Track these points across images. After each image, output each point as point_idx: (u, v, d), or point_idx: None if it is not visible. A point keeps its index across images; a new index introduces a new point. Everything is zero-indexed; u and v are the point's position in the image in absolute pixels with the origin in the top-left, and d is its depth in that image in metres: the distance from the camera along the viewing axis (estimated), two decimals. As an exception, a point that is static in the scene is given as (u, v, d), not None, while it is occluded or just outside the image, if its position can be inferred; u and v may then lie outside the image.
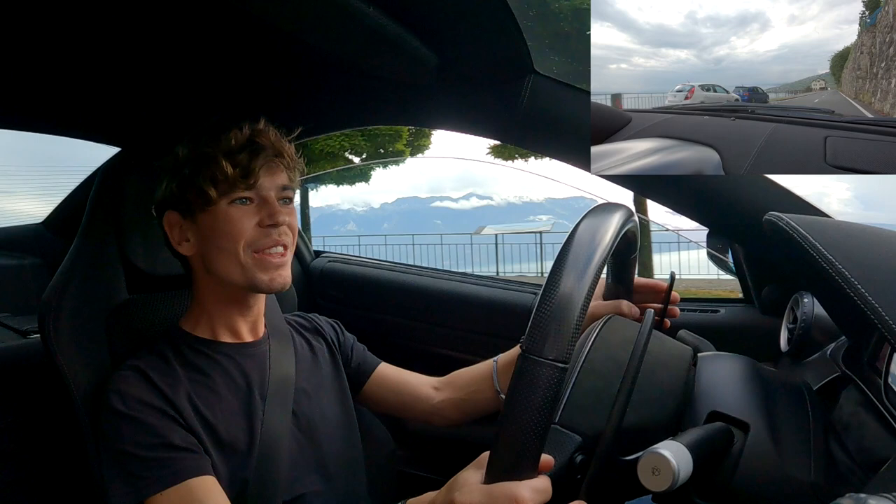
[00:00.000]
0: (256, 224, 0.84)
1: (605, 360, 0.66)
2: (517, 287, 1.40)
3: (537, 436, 0.47)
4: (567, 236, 0.53)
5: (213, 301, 0.90)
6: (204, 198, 0.83)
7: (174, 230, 0.88)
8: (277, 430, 0.87)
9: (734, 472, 0.56)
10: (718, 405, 0.61)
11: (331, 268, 1.61)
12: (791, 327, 0.91)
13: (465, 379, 1.04)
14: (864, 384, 0.63)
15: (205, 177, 0.83)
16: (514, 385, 0.48)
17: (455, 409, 1.02)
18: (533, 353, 0.48)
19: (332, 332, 1.07)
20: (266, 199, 0.85)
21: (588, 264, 0.50)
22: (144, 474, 0.75)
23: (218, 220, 0.84)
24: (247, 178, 0.83)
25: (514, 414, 0.47)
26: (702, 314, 1.19)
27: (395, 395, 1.06)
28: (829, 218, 0.86)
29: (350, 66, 0.93)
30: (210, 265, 0.87)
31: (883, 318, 0.46)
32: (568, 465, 0.58)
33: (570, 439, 0.59)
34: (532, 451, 0.48)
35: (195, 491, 0.75)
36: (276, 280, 0.86)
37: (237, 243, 0.83)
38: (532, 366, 0.47)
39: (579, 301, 0.48)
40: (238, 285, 0.86)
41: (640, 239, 0.76)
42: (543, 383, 0.47)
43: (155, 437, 0.77)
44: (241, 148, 0.84)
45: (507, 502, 0.49)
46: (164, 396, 0.80)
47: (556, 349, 0.47)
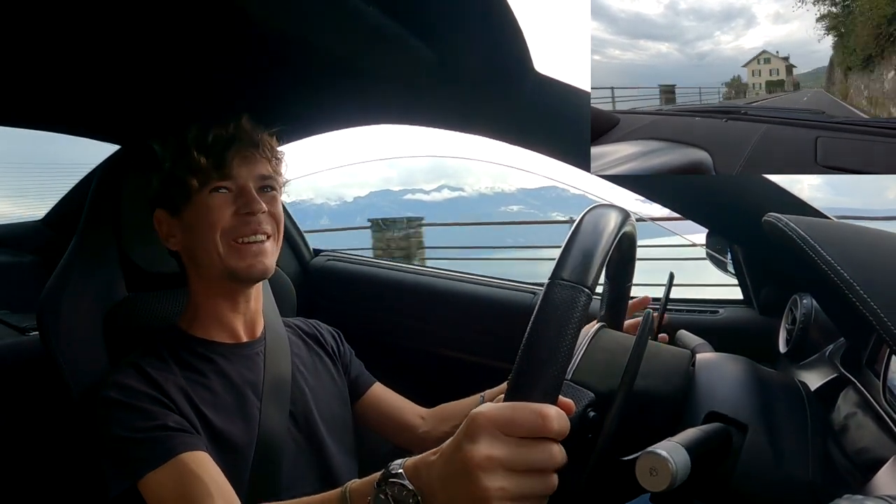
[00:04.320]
0: (234, 212, 0.86)
1: (609, 341, 0.69)
2: (517, 287, 1.40)
3: (562, 358, 0.47)
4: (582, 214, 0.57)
5: (204, 296, 0.91)
6: (184, 190, 0.86)
7: (163, 227, 0.90)
8: (275, 430, 0.87)
9: (732, 473, 0.56)
10: (717, 406, 0.61)
11: (330, 266, 1.61)
12: (790, 328, 0.91)
13: (451, 412, 1.04)
14: (863, 385, 0.63)
15: (182, 169, 0.86)
16: (541, 307, 0.48)
17: (438, 441, 1.01)
18: (559, 278, 0.49)
19: (332, 341, 1.07)
20: (243, 188, 0.87)
21: (609, 219, 0.55)
22: (138, 455, 0.75)
23: (198, 210, 0.86)
24: (220, 167, 0.86)
25: (541, 333, 0.47)
26: (701, 315, 1.19)
27: (384, 419, 1.06)
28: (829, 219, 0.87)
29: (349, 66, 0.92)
30: (194, 257, 0.89)
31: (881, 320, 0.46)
32: (581, 419, 0.58)
33: (584, 395, 0.60)
34: (556, 374, 0.47)
35: (189, 465, 0.75)
36: (254, 267, 0.86)
37: (214, 231, 0.85)
38: (559, 289, 0.48)
39: (603, 238, 0.52)
40: (218, 274, 0.87)
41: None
42: (570, 304, 0.48)
43: (149, 421, 0.77)
44: (215, 140, 0.87)
45: (533, 415, 0.45)
46: (160, 387, 0.80)
47: (582, 275, 0.49)
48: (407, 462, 0.52)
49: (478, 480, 0.44)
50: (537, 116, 0.94)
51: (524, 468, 0.45)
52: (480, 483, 0.44)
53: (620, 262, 0.77)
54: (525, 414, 0.45)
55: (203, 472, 0.75)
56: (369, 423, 1.08)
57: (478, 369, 1.33)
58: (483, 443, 0.45)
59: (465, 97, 0.98)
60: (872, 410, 0.59)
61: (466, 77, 0.94)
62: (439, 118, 1.08)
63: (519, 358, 0.48)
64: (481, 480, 0.44)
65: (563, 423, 0.46)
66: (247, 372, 0.90)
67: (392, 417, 1.06)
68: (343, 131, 1.26)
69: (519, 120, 0.96)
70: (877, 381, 0.60)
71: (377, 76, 0.97)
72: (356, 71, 0.95)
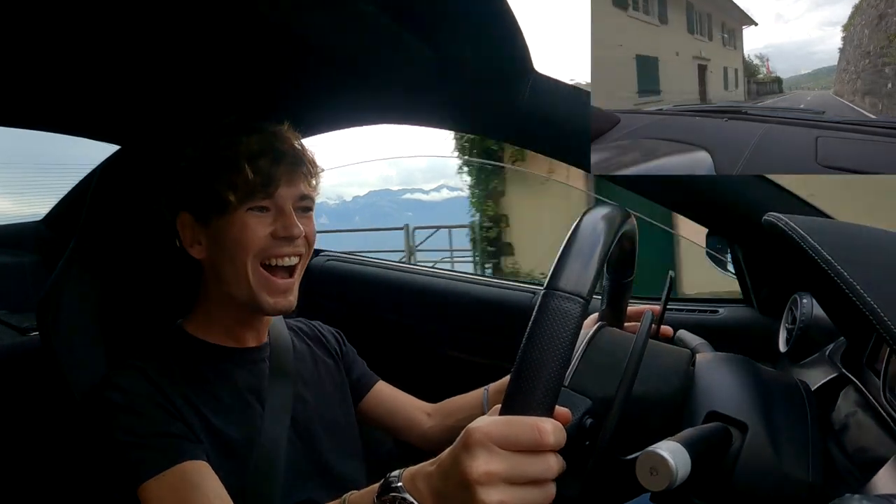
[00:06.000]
0: (270, 234, 0.82)
1: (609, 342, 0.68)
2: (517, 286, 1.40)
3: (558, 370, 0.47)
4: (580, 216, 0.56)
5: (219, 308, 0.89)
6: (221, 203, 0.81)
7: (186, 231, 0.86)
8: (276, 436, 0.86)
9: (732, 472, 0.56)
10: (717, 405, 0.61)
11: (330, 266, 1.61)
12: (790, 328, 0.91)
13: (455, 407, 1.04)
14: (863, 385, 0.63)
15: (223, 182, 0.80)
16: (536, 318, 0.48)
17: (445, 436, 1.02)
18: (555, 289, 0.48)
19: (334, 342, 1.07)
20: (283, 210, 0.82)
21: (606, 224, 0.54)
22: (139, 460, 0.74)
23: (232, 227, 0.81)
24: (267, 186, 0.81)
25: (536, 345, 0.47)
26: (700, 314, 1.19)
27: (389, 417, 1.06)
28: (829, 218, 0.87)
29: (350, 66, 0.92)
30: (220, 274, 0.84)
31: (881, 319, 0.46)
32: (578, 427, 0.57)
33: (581, 401, 0.59)
34: (552, 386, 0.47)
35: (190, 474, 0.74)
36: (280, 304, 0.84)
37: (247, 253, 0.81)
38: (555, 300, 0.48)
39: (600, 245, 0.51)
40: (242, 301, 0.84)
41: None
42: (566, 316, 0.47)
43: (152, 427, 0.76)
44: (262, 153, 0.81)
45: (530, 430, 0.46)
46: (163, 393, 0.80)
47: (578, 285, 0.48)
48: (405, 474, 0.53)
49: (477, 495, 0.45)
50: (537, 116, 0.94)
51: (522, 481, 0.46)
52: (479, 497, 0.45)
53: (621, 258, 0.77)
54: (521, 429, 0.46)
55: (204, 482, 0.75)
56: (374, 422, 1.07)
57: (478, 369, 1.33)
58: (481, 458, 0.46)
59: (465, 97, 0.98)
60: (872, 410, 0.59)
61: (466, 77, 0.94)
62: (439, 118, 1.08)
63: (514, 370, 0.48)
64: (480, 495, 0.45)
65: (560, 435, 0.47)
66: (251, 378, 0.89)
67: (397, 415, 1.05)
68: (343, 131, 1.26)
69: (519, 120, 0.96)
70: (877, 380, 0.60)
71: (377, 76, 0.97)
72: (356, 71, 0.95)
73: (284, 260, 0.83)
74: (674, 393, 0.64)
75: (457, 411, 1.02)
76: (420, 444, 1.04)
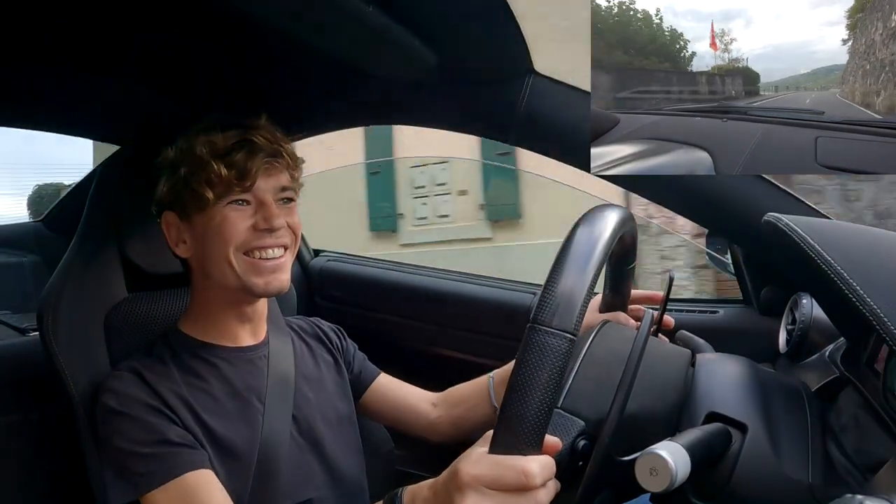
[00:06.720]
0: (251, 227, 0.82)
1: (605, 354, 0.67)
2: (517, 287, 1.40)
3: (545, 408, 0.47)
4: (569, 231, 0.54)
5: (212, 304, 0.89)
6: (199, 200, 0.81)
7: (171, 231, 0.87)
8: (278, 436, 0.86)
9: (732, 473, 0.56)
10: (716, 406, 0.61)
11: (330, 267, 1.61)
12: (790, 328, 0.91)
13: (461, 395, 1.03)
14: (863, 386, 0.63)
15: (199, 179, 0.81)
16: (522, 356, 0.48)
17: (451, 425, 1.02)
18: (541, 324, 0.48)
19: (334, 338, 1.06)
20: (263, 202, 0.82)
21: (594, 248, 0.52)
22: (142, 471, 0.75)
23: (213, 221, 0.82)
24: (243, 180, 0.81)
25: (523, 384, 0.47)
26: (700, 315, 1.19)
27: (393, 409, 1.05)
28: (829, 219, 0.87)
29: (348, 66, 0.92)
30: (205, 269, 0.85)
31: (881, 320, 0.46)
32: (570, 450, 0.58)
33: (573, 423, 0.59)
34: (540, 422, 0.47)
35: (194, 485, 0.75)
36: (271, 284, 0.84)
37: (228, 246, 0.81)
38: (541, 335, 0.47)
39: (588, 275, 0.50)
40: (233, 289, 0.84)
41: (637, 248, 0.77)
42: (552, 352, 0.47)
43: (151, 434, 0.76)
44: (237, 148, 0.82)
45: (516, 474, 0.48)
46: (160, 396, 0.79)
47: (564, 320, 0.47)
48: (406, 494, 0.57)
49: None
50: (537, 116, 0.94)
51: None
52: None
53: (622, 250, 0.77)
54: (508, 472, 0.48)
55: (207, 493, 0.75)
56: (379, 416, 1.07)
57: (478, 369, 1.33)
58: (470, 499, 0.49)
59: (465, 97, 0.98)
60: (872, 410, 0.59)
61: (466, 77, 0.94)
62: (439, 118, 1.08)
63: (502, 405, 0.49)
64: None
65: (548, 471, 0.49)
66: (250, 377, 0.89)
67: (402, 407, 1.05)
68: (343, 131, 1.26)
69: (519, 120, 0.96)
70: (877, 381, 0.60)
71: (377, 76, 0.97)
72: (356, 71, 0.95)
73: (268, 252, 0.83)
74: (669, 410, 0.63)
75: (463, 400, 1.02)
76: (428, 435, 1.03)
